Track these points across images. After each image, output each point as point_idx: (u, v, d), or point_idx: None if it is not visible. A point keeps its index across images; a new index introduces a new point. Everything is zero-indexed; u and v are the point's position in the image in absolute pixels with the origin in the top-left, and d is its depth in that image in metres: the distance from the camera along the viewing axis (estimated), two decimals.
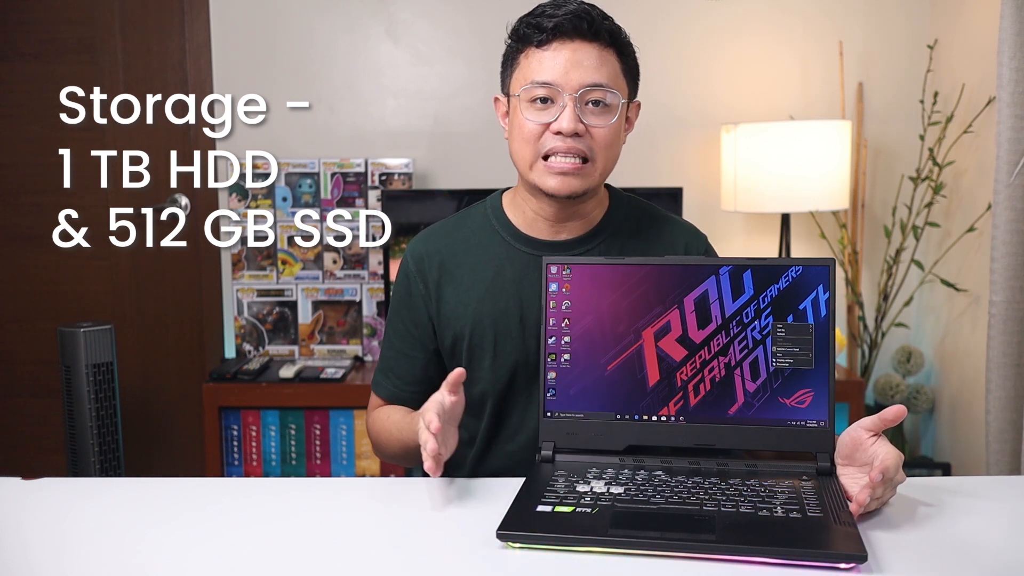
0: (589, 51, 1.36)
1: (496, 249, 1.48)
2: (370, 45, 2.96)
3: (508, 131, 1.45)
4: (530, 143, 1.39)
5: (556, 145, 1.37)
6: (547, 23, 1.36)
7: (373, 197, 2.91)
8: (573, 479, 1.22)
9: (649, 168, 2.92)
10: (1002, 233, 2.12)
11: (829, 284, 1.27)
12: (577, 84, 1.35)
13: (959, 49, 2.74)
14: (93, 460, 2.54)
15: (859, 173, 2.89)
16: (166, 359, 3.07)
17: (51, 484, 1.33)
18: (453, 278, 1.48)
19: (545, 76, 1.36)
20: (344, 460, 2.81)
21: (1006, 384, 2.16)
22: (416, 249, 1.51)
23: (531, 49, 1.39)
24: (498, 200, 1.52)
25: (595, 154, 1.38)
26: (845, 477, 1.21)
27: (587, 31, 1.36)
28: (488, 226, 1.50)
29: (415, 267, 1.50)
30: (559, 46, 1.36)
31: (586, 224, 1.47)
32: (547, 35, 1.36)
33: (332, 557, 1.08)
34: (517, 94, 1.39)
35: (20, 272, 3.02)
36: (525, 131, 1.38)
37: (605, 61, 1.37)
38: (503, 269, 1.46)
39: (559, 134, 1.36)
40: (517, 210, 1.48)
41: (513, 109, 1.42)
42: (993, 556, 1.06)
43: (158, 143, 3.01)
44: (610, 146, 1.40)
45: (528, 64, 1.39)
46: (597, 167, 1.39)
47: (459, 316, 1.46)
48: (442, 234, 1.52)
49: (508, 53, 1.44)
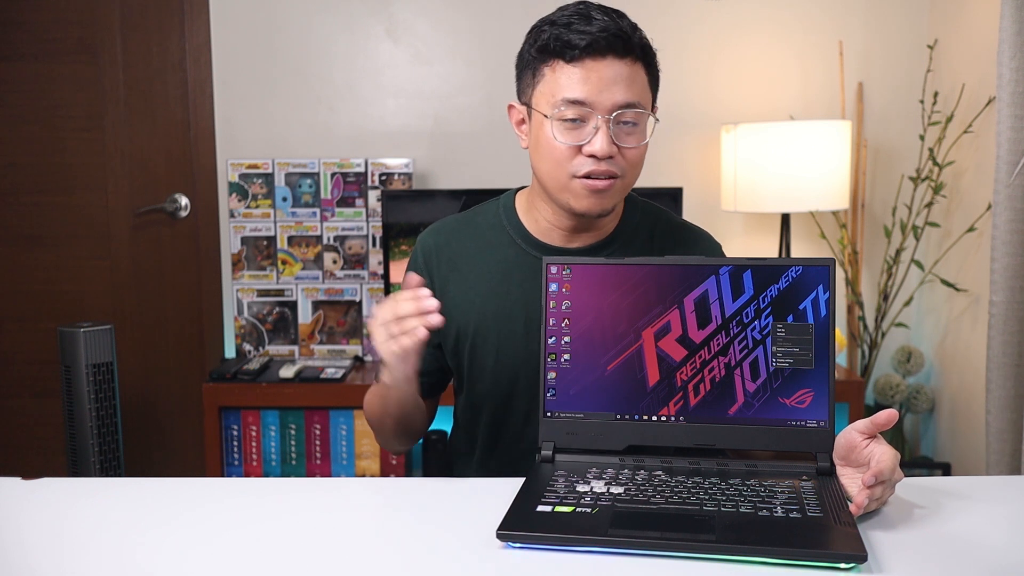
0: (620, 68, 1.31)
1: (506, 251, 1.46)
2: (370, 45, 2.96)
3: (531, 144, 1.40)
4: (562, 164, 1.34)
5: (591, 169, 1.33)
6: (579, 40, 1.30)
7: (373, 197, 2.91)
8: (573, 479, 1.22)
9: (649, 168, 2.87)
10: (1002, 233, 2.13)
11: (829, 284, 1.27)
12: (611, 105, 1.31)
13: (959, 49, 2.74)
14: (93, 460, 2.54)
15: (859, 173, 2.89)
16: (166, 359, 3.07)
17: (51, 484, 1.33)
18: (460, 274, 1.47)
19: (576, 95, 1.31)
20: (344, 460, 2.81)
21: (1006, 384, 2.16)
22: (426, 242, 1.50)
23: (559, 63, 1.32)
24: (511, 201, 1.50)
25: (625, 172, 1.36)
26: (844, 477, 1.21)
27: (621, 48, 1.30)
28: (499, 226, 1.48)
29: (423, 260, 1.49)
30: (591, 64, 1.30)
31: (601, 233, 1.45)
32: (579, 52, 1.30)
33: (332, 557, 1.08)
34: (546, 113, 1.33)
35: (20, 272, 3.02)
36: (557, 153, 1.33)
37: (636, 77, 1.33)
38: (511, 271, 1.45)
39: (592, 156, 1.32)
40: (531, 217, 1.46)
41: (537, 124, 1.36)
42: (993, 556, 1.06)
43: (158, 143, 3.01)
44: (638, 163, 1.38)
45: (556, 79, 1.32)
46: (625, 184, 1.37)
47: (463, 312, 1.46)
48: (452, 229, 1.50)
49: (529, 61, 1.37)
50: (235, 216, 2.94)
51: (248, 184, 2.93)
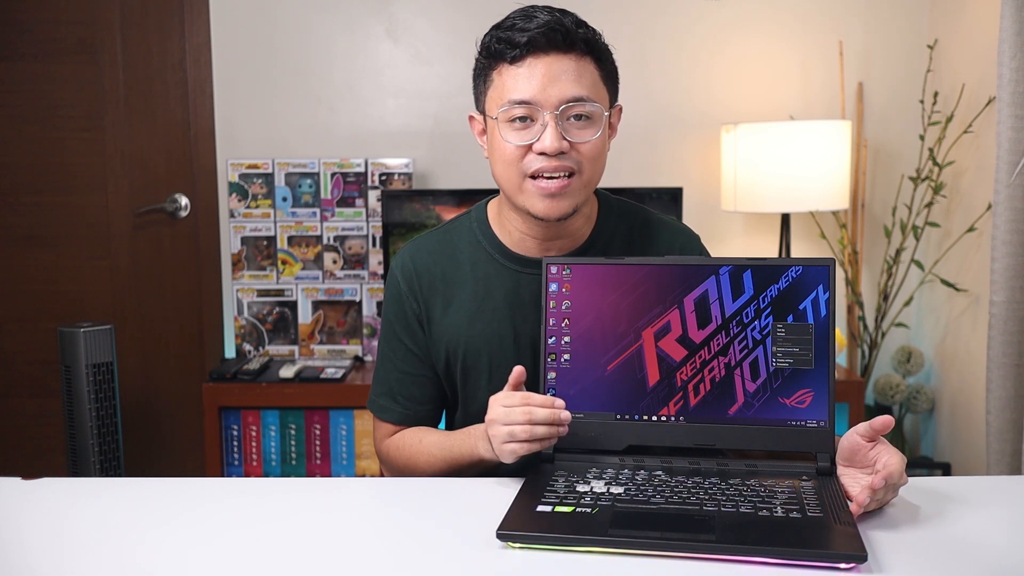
0: (566, 63, 1.30)
1: (485, 267, 1.44)
2: (370, 45, 2.96)
3: (488, 151, 1.39)
4: (513, 165, 1.32)
5: (541, 165, 1.31)
6: (519, 37, 1.29)
7: (373, 197, 2.91)
8: (573, 479, 1.22)
9: (649, 168, 2.92)
10: (1002, 233, 2.13)
11: (829, 284, 1.27)
12: (557, 100, 1.29)
13: (959, 49, 2.74)
14: (93, 460, 2.54)
15: (859, 173, 2.89)
16: (166, 359, 3.07)
17: (51, 484, 1.33)
18: (443, 297, 1.44)
19: (522, 94, 1.30)
20: (344, 460, 2.81)
21: (1006, 384, 2.16)
22: (404, 267, 1.46)
23: (504, 66, 1.32)
24: (483, 214, 1.47)
25: (582, 167, 1.33)
26: (846, 477, 1.21)
27: (562, 43, 1.29)
28: (475, 242, 1.45)
29: (406, 286, 1.46)
30: (533, 61, 1.29)
31: (575, 240, 1.43)
32: (520, 50, 1.29)
33: (332, 557, 1.08)
34: (495, 116, 1.33)
35: (20, 272, 3.02)
36: (507, 154, 1.32)
37: (583, 72, 1.31)
38: (493, 288, 1.43)
39: (543, 154, 1.31)
40: (503, 228, 1.44)
41: (491, 130, 1.35)
42: (993, 556, 1.06)
43: (158, 143, 3.01)
44: (596, 158, 1.35)
45: (502, 82, 1.32)
46: (584, 180, 1.34)
47: (451, 336, 1.43)
48: (428, 250, 1.47)
49: (479, 69, 1.37)
50: (235, 216, 2.94)
51: (248, 184, 2.93)
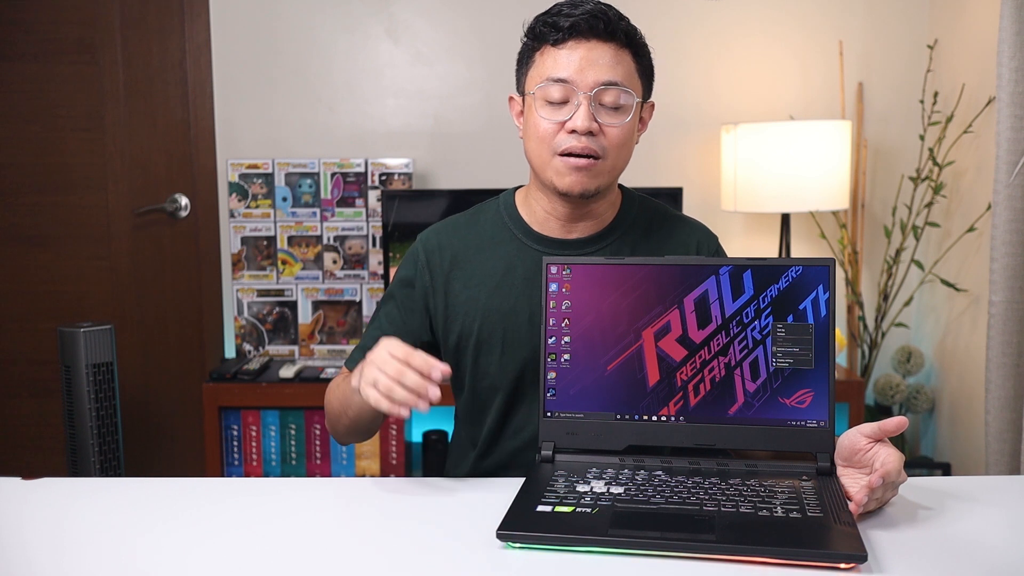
0: (604, 50, 1.36)
1: (508, 246, 1.48)
2: (370, 45, 2.96)
3: (523, 130, 1.45)
4: (545, 141, 1.39)
5: (571, 144, 1.37)
6: (563, 22, 1.36)
7: (373, 197, 2.91)
8: (573, 479, 1.22)
9: (649, 168, 2.92)
10: (1002, 233, 2.13)
11: (829, 284, 1.27)
12: (592, 82, 1.35)
13: (959, 49, 2.74)
14: (93, 460, 2.54)
15: (859, 173, 2.89)
16: (166, 359, 3.07)
17: (51, 484, 1.33)
18: (464, 273, 1.48)
19: (560, 73, 1.36)
20: (344, 460, 2.81)
21: (1006, 384, 2.16)
22: (429, 241, 1.52)
23: (547, 47, 1.39)
24: (511, 197, 1.53)
25: (608, 152, 1.38)
26: (845, 477, 1.21)
27: (603, 31, 1.36)
28: (500, 223, 1.50)
29: (426, 258, 1.50)
30: (575, 45, 1.36)
31: (598, 224, 1.47)
32: (563, 34, 1.36)
33: (332, 557, 1.08)
34: (532, 92, 1.40)
35: (20, 272, 3.02)
36: (540, 129, 1.39)
37: (620, 60, 1.38)
38: (514, 266, 1.47)
39: (573, 132, 1.36)
40: (529, 208, 1.49)
41: (528, 108, 1.42)
42: (993, 556, 1.06)
43: (158, 143, 3.01)
44: (623, 145, 1.40)
45: (543, 62, 1.39)
46: (608, 165, 1.39)
47: (468, 312, 1.47)
48: (455, 228, 1.52)
49: (524, 51, 1.44)
50: (235, 216, 2.94)
51: (248, 184, 2.93)
